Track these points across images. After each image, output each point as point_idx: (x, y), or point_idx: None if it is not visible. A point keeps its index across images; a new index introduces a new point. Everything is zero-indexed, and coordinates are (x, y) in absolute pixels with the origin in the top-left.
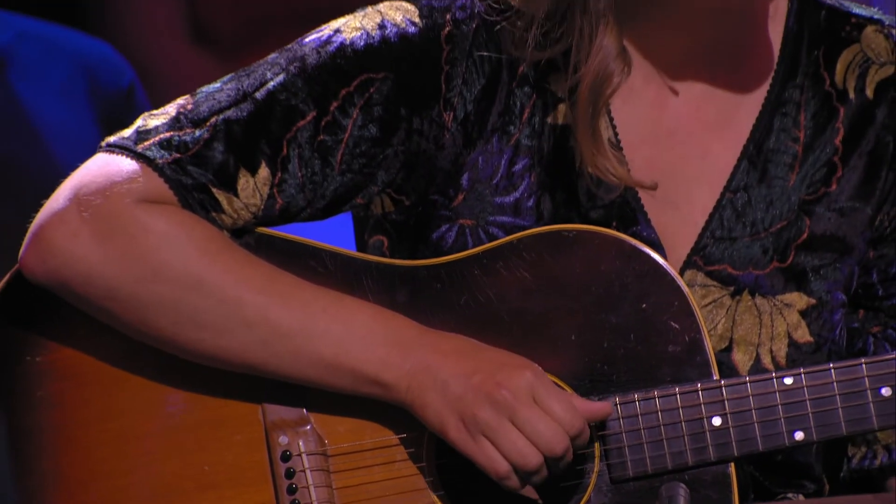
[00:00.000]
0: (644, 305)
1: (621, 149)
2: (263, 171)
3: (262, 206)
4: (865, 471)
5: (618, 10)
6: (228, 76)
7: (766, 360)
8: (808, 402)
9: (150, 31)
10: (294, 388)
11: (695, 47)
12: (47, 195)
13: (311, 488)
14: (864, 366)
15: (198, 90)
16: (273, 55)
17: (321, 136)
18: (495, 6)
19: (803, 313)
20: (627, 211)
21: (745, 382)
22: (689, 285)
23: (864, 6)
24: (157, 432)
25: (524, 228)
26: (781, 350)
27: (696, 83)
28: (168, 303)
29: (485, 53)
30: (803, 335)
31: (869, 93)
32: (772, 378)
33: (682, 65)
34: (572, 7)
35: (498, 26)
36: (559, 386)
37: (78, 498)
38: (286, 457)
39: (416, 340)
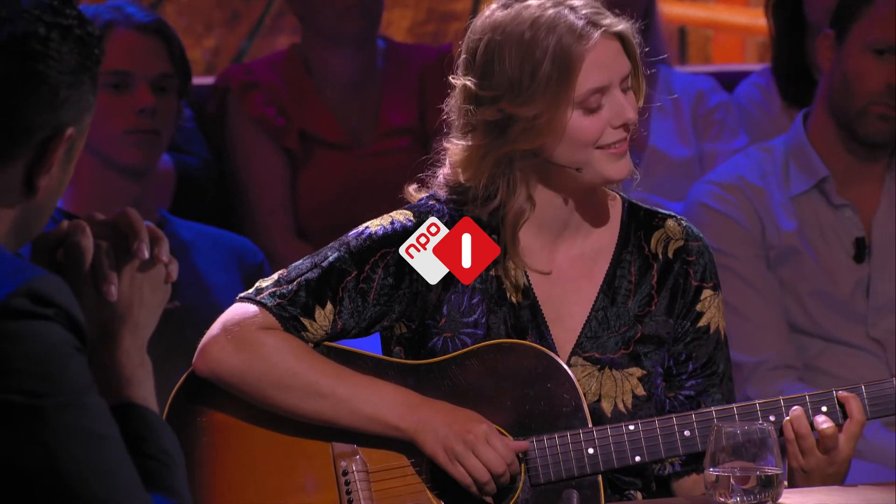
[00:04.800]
0: (549, 385)
1: (531, 286)
2: (329, 306)
3: (330, 327)
4: (658, 476)
5: (528, 178)
6: (306, 256)
7: (621, 406)
8: (642, 439)
9: (271, 232)
10: (349, 433)
11: (568, 222)
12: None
13: (360, 492)
14: (674, 418)
15: (290, 266)
16: (331, 244)
17: (361, 285)
18: (455, 192)
19: (640, 379)
20: (537, 325)
21: (607, 428)
22: (574, 364)
23: (667, 210)
24: (272, 461)
25: (481, 335)
26: (629, 400)
27: (572, 246)
28: (277, 385)
29: None
30: (641, 391)
31: (670, 255)
32: (622, 426)
33: (562, 233)
34: (503, 178)
35: (458, 217)
36: (502, 433)
37: (227, 499)
38: (345, 473)
39: (419, 404)
